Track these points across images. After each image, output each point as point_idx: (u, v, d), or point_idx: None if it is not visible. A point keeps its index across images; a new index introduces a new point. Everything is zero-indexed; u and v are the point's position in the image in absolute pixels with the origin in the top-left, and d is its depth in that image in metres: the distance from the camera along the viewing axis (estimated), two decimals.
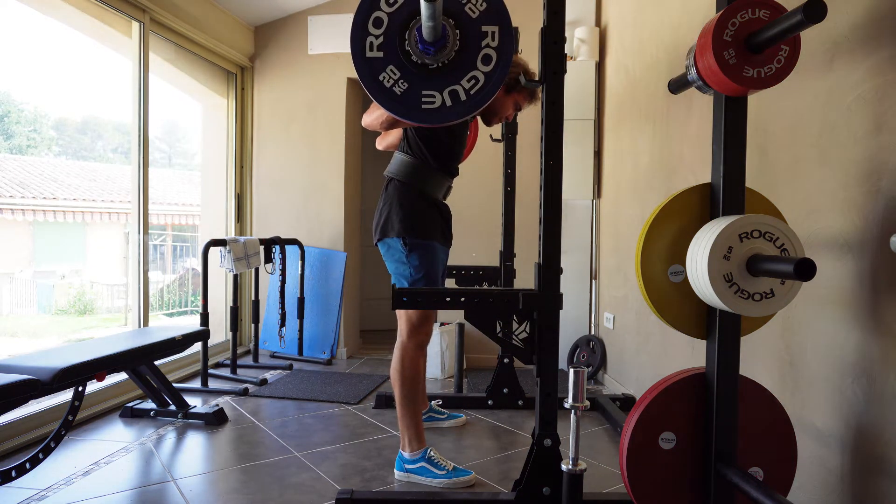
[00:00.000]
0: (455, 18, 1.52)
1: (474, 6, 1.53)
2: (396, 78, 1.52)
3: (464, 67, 1.54)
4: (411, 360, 2.12)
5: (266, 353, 4.12)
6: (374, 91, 1.53)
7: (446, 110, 1.54)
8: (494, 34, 1.54)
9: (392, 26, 1.52)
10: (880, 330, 1.34)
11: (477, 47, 1.54)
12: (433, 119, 1.54)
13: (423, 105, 1.53)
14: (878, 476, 1.34)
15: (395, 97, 1.53)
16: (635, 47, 3.12)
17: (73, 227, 2.86)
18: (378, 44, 1.52)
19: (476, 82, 1.54)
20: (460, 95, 1.54)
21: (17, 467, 1.91)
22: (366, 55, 1.52)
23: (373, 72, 1.52)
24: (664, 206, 1.49)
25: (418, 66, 1.52)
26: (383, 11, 1.52)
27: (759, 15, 1.33)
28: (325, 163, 4.18)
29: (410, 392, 2.11)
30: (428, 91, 1.53)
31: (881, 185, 1.34)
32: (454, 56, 1.52)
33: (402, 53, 1.52)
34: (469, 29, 1.53)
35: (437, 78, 1.53)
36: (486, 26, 1.54)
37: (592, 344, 3.61)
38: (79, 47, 3.70)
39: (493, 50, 1.54)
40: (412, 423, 2.11)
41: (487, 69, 1.54)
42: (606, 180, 3.57)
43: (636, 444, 1.47)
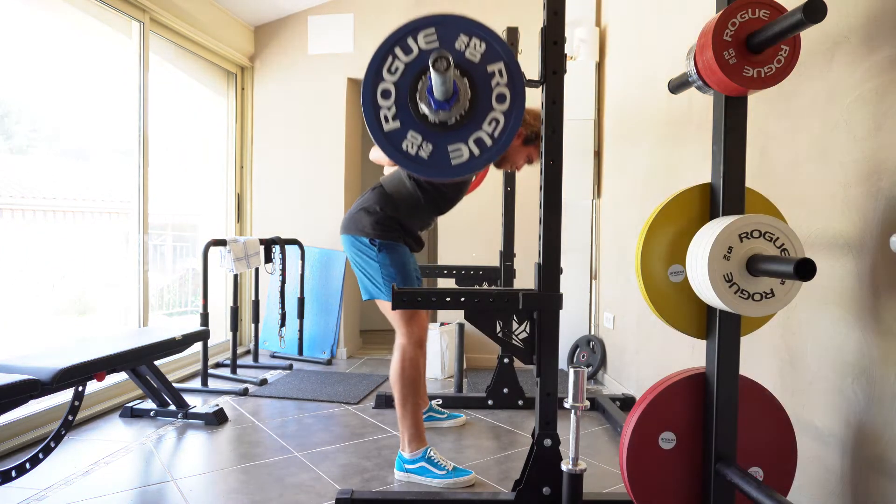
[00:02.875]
0: (459, 67, 1.51)
1: (474, 50, 1.52)
2: (419, 142, 1.51)
3: (481, 113, 1.52)
4: (410, 360, 2.13)
5: (266, 353, 4.12)
6: (400, 161, 1.51)
7: (476, 159, 1.52)
8: (502, 71, 1.53)
9: (401, 94, 1.51)
10: (880, 330, 1.34)
11: (488, 89, 1.52)
12: (467, 170, 1.53)
13: (453, 161, 1.52)
14: (878, 476, 1.34)
15: (424, 162, 1.52)
16: (635, 47, 3.12)
17: (73, 227, 2.86)
18: (392, 115, 1.51)
19: (497, 124, 1.52)
20: (485, 141, 1.52)
21: (17, 467, 1.91)
22: (384, 129, 1.51)
23: (395, 143, 1.51)
24: (664, 206, 1.49)
25: (438, 126, 1.51)
26: (388, 82, 1.51)
27: (759, 15, 1.33)
28: (325, 163, 4.18)
29: (410, 392, 2.11)
30: (454, 146, 1.52)
31: (881, 185, 1.34)
32: (469, 105, 1.51)
33: (419, 118, 1.51)
34: (476, 73, 1.52)
35: (458, 131, 1.52)
36: (492, 65, 1.52)
37: (592, 344, 3.61)
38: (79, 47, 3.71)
39: (504, 87, 1.52)
40: (412, 424, 2.11)
41: (504, 107, 1.53)
42: (606, 180, 3.57)
43: (636, 444, 1.47)
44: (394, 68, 1.51)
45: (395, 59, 1.51)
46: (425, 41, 1.51)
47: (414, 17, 1.52)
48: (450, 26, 1.52)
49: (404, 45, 1.51)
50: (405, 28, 1.52)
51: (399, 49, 1.51)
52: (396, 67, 1.51)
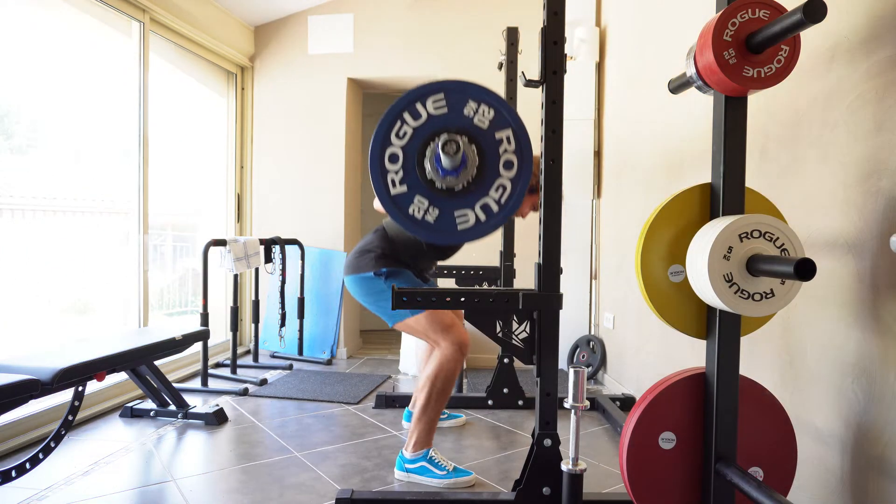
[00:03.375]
0: (468, 134, 1.52)
1: (482, 117, 1.53)
2: (426, 207, 1.52)
3: (488, 179, 1.53)
4: (449, 372, 2.08)
5: (266, 353, 4.12)
6: (406, 225, 1.52)
7: (482, 225, 1.54)
8: (510, 138, 1.54)
9: (408, 159, 1.52)
10: (880, 330, 1.34)
11: (496, 155, 1.53)
12: (473, 236, 1.54)
13: (459, 226, 1.53)
14: (878, 476, 1.34)
15: (430, 226, 1.53)
16: (635, 47, 3.12)
17: (73, 227, 2.86)
18: (400, 179, 1.52)
19: (504, 190, 1.54)
20: (492, 207, 1.54)
21: (17, 467, 1.91)
22: (391, 193, 1.52)
23: (401, 207, 1.52)
24: (664, 206, 1.49)
25: (445, 191, 1.52)
26: (395, 146, 1.52)
27: (759, 15, 1.33)
28: (325, 162, 4.18)
29: (438, 400, 2.09)
30: (460, 211, 1.53)
31: (881, 185, 1.34)
32: (477, 172, 1.52)
33: (426, 182, 1.52)
34: (484, 140, 1.53)
35: (465, 197, 1.53)
36: (500, 132, 1.53)
37: (592, 344, 3.61)
38: (79, 47, 3.70)
39: (512, 154, 1.54)
40: (426, 428, 2.11)
41: (511, 174, 1.54)
42: (606, 180, 3.57)
43: (636, 444, 1.47)
44: (402, 133, 1.52)
45: (403, 124, 1.52)
46: (434, 106, 1.52)
47: (428, 81, 1.53)
48: (459, 93, 1.53)
49: (413, 110, 1.52)
50: (414, 93, 1.52)
51: (408, 114, 1.52)
52: (405, 132, 1.52)
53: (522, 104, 3.39)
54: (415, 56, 4.09)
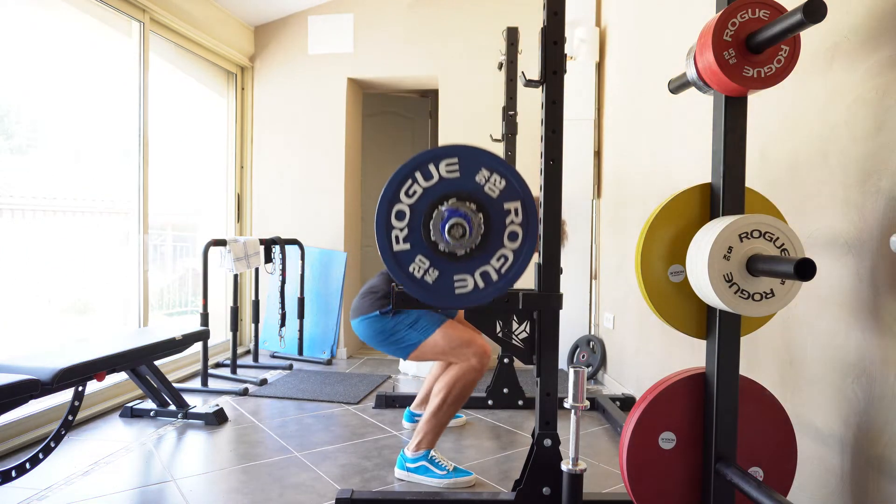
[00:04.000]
0: (477, 202, 1.52)
1: (494, 185, 1.54)
2: (426, 267, 1.53)
3: (492, 248, 1.54)
4: (468, 383, 2.09)
5: (266, 353, 4.12)
6: (406, 283, 1.53)
7: (479, 292, 1.54)
8: (517, 210, 1.54)
9: (415, 218, 1.52)
10: (880, 330, 1.34)
11: (502, 225, 1.54)
12: (469, 302, 1.55)
13: (457, 290, 1.54)
14: (878, 476, 1.34)
15: (428, 286, 1.54)
16: (635, 47, 3.12)
17: (73, 227, 2.86)
18: (404, 236, 1.52)
19: (505, 261, 1.54)
20: (492, 276, 1.54)
21: (17, 467, 1.91)
22: (393, 249, 1.52)
23: (402, 264, 1.53)
24: (664, 206, 1.49)
25: (446, 254, 1.53)
26: (404, 203, 1.52)
27: (759, 15, 1.33)
28: (325, 163, 4.18)
29: (452, 405, 2.10)
30: (459, 276, 1.54)
31: (881, 185, 1.34)
32: (481, 240, 1.53)
33: (429, 243, 1.52)
34: (492, 209, 1.53)
35: (467, 262, 1.53)
36: (508, 203, 1.54)
37: (592, 344, 3.61)
38: (79, 47, 3.69)
39: (518, 226, 1.54)
40: (434, 430, 2.11)
41: (515, 246, 1.54)
42: (606, 180, 3.57)
43: (636, 444, 1.47)
44: (412, 192, 1.52)
45: (414, 183, 1.52)
46: (446, 169, 1.53)
47: (444, 144, 1.56)
48: (473, 159, 1.54)
49: (425, 170, 1.53)
50: (428, 154, 1.53)
51: (419, 174, 1.52)
52: (414, 191, 1.52)
53: (522, 104, 3.39)
54: (415, 56, 4.09)
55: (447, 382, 2.09)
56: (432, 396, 2.14)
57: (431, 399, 2.14)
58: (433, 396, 2.13)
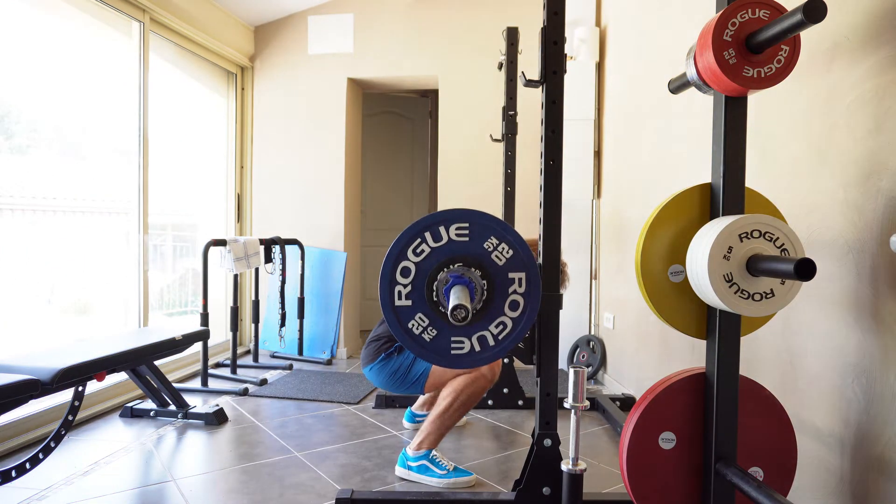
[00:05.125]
0: (482, 268, 1.54)
1: (501, 254, 1.55)
2: (425, 325, 1.54)
3: (492, 314, 1.55)
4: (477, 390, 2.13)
5: (266, 353, 4.12)
6: (403, 338, 1.55)
7: (475, 355, 1.56)
8: (521, 280, 1.55)
9: (419, 276, 1.54)
10: (880, 330, 1.34)
11: (504, 293, 1.55)
12: (464, 364, 1.56)
13: (453, 351, 1.55)
14: (878, 476, 1.34)
15: (425, 344, 1.55)
16: (635, 47, 3.12)
17: (73, 227, 2.86)
18: (406, 293, 1.54)
19: (504, 328, 1.55)
20: (489, 341, 1.56)
21: (17, 467, 1.91)
22: (395, 304, 1.54)
23: (402, 319, 1.54)
24: (664, 206, 1.49)
25: (446, 316, 1.54)
26: (410, 261, 1.54)
27: (759, 15, 1.33)
28: (325, 163, 4.18)
29: (456, 412, 2.13)
30: (457, 338, 1.55)
31: (881, 185, 1.34)
32: (482, 305, 1.54)
33: (431, 304, 1.54)
34: (496, 276, 1.55)
35: (465, 326, 1.55)
36: (513, 273, 1.55)
37: (592, 344, 3.61)
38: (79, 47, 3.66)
39: (520, 296, 1.55)
40: (438, 430, 2.13)
41: (515, 314, 1.56)
42: (606, 180, 3.57)
43: (636, 444, 1.47)
44: (419, 251, 1.54)
45: (423, 242, 1.54)
46: (456, 233, 1.55)
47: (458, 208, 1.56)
48: (484, 226, 1.55)
49: (435, 231, 1.54)
50: (439, 216, 1.55)
51: (429, 234, 1.54)
52: (422, 250, 1.54)
53: (522, 104, 3.39)
54: (415, 56, 4.09)
55: (456, 388, 2.13)
56: (440, 399, 2.16)
57: (439, 402, 2.16)
58: (441, 399, 2.16)
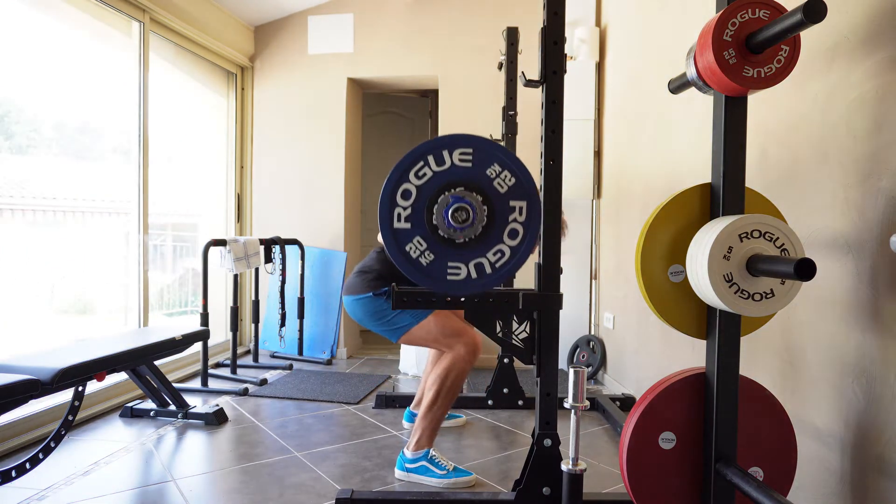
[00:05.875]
0: (483, 194, 1.54)
1: (503, 181, 1.55)
2: (423, 249, 1.54)
3: (490, 241, 1.55)
4: (460, 372, 2.11)
5: (266, 353, 4.12)
6: (400, 261, 1.55)
7: (471, 282, 1.55)
8: (522, 209, 1.55)
9: (420, 199, 1.54)
10: (880, 330, 1.34)
11: (504, 221, 1.55)
12: (460, 290, 1.56)
13: (449, 276, 1.55)
14: (878, 476, 1.34)
15: (421, 268, 1.55)
16: (635, 47, 3.12)
17: (73, 227, 2.86)
18: (406, 215, 1.54)
19: (502, 256, 1.55)
20: (486, 268, 1.56)
21: (17, 467, 1.91)
22: (393, 226, 1.54)
23: (400, 242, 1.54)
24: (664, 206, 1.49)
25: (445, 241, 1.54)
26: (412, 184, 1.53)
27: (759, 15, 1.33)
28: (325, 163, 4.18)
29: (445, 399, 2.11)
30: (454, 263, 1.55)
31: (881, 185, 1.34)
32: (481, 231, 1.54)
33: (430, 227, 1.54)
34: (497, 204, 1.55)
35: (463, 251, 1.55)
36: (514, 201, 1.55)
37: (592, 344, 3.61)
38: (79, 47, 3.67)
39: (520, 225, 1.55)
40: (431, 427, 2.12)
41: (514, 243, 1.55)
42: (606, 180, 3.57)
43: (636, 444, 1.47)
44: (421, 174, 1.54)
45: (425, 165, 1.54)
46: (459, 158, 1.54)
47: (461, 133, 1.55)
48: (488, 152, 1.55)
49: (438, 155, 1.54)
50: (444, 140, 1.54)
51: (432, 157, 1.54)
52: (424, 174, 1.54)
53: (522, 104, 3.39)
54: (415, 56, 4.09)
55: (438, 374, 2.11)
56: (426, 392, 2.15)
57: (425, 395, 2.15)
58: (426, 392, 2.15)
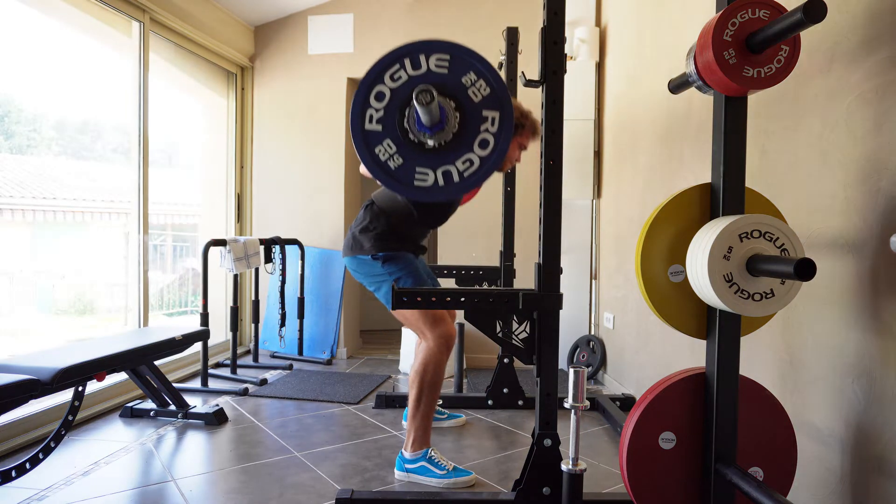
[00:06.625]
0: (457, 101, 1.53)
1: (477, 90, 1.54)
2: (392, 153, 1.54)
3: (460, 149, 1.55)
4: (435, 364, 2.10)
5: (266, 353, 4.12)
6: (368, 163, 1.55)
7: (437, 189, 1.55)
8: (494, 120, 1.55)
9: (393, 101, 1.53)
10: (880, 330, 1.34)
11: (475, 131, 1.54)
12: (424, 196, 1.56)
13: (416, 182, 1.55)
14: (878, 476, 1.34)
15: (389, 171, 1.55)
16: (635, 47, 3.12)
17: (73, 227, 2.86)
18: (378, 117, 1.53)
19: (470, 165, 1.55)
20: (453, 176, 1.55)
21: (17, 467, 1.91)
22: (364, 127, 1.53)
23: (369, 144, 1.54)
24: (664, 206, 1.49)
25: (415, 145, 1.54)
26: (386, 86, 1.53)
27: (759, 15, 1.33)
28: (325, 163, 4.18)
29: (428, 395, 2.10)
30: (422, 168, 1.55)
31: (881, 185, 1.34)
32: (452, 138, 1.54)
33: (400, 130, 1.53)
34: (470, 112, 1.54)
35: (432, 157, 1.54)
36: (487, 111, 1.54)
37: (592, 344, 3.61)
38: (79, 47, 3.68)
39: (490, 135, 1.55)
40: (422, 425, 2.11)
41: (483, 153, 1.55)
42: (606, 180, 3.57)
43: (636, 444, 1.47)
44: (397, 76, 1.53)
45: (401, 68, 1.53)
46: (436, 63, 1.53)
47: (440, 39, 1.54)
48: (464, 60, 1.54)
49: (415, 59, 1.53)
50: (422, 43, 1.53)
51: (409, 61, 1.53)
52: (400, 76, 1.53)
53: (523, 104, 3.38)
54: None
55: (416, 371, 2.11)
56: (409, 391, 2.15)
57: (409, 394, 2.14)
58: (409, 391, 2.14)
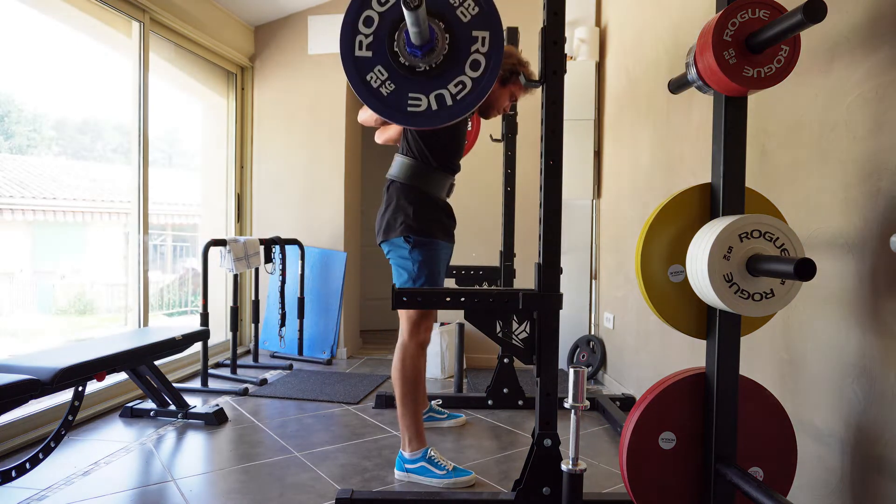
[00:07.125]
0: (445, 21, 1.51)
1: (466, 10, 1.52)
2: (384, 79, 1.52)
3: (452, 72, 1.53)
4: (412, 359, 2.12)
5: (266, 353, 4.12)
6: (360, 91, 1.52)
7: (431, 114, 1.53)
8: (485, 39, 1.52)
9: (382, 26, 1.50)
10: (880, 330, 1.34)
11: (466, 52, 1.52)
12: (418, 122, 1.54)
13: (409, 108, 1.52)
14: (878, 476, 1.34)
15: (382, 98, 1.52)
16: (635, 47, 3.12)
17: (73, 227, 2.86)
18: (367, 43, 1.51)
19: (463, 87, 1.53)
20: (446, 100, 1.53)
21: (17, 467, 1.91)
22: (354, 54, 1.51)
23: (360, 71, 1.52)
24: (664, 206, 1.49)
25: (406, 68, 1.51)
26: (374, 10, 1.51)
27: (759, 15, 1.33)
28: (325, 163, 4.18)
29: (411, 392, 2.11)
30: (414, 94, 1.52)
31: (881, 185, 1.34)
32: (442, 60, 1.51)
33: (391, 54, 1.51)
34: (459, 33, 1.52)
35: (424, 81, 1.52)
36: (477, 31, 1.52)
37: (592, 344, 3.61)
38: (79, 47, 3.67)
39: (482, 55, 1.52)
40: (412, 423, 2.11)
41: (476, 75, 1.53)
42: (606, 180, 3.57)
43: (636, 444, 1.47)
44: (384, 0, 1.51)
45: None
46: None
47: None
48: None
49: None
50: None
51: None
52: (387, 0, 1.51)
53: (522, 104, 3.38)
54: None
55: (395, 368, 2.13)
56: (394, 389, 2.15)
57: (395, 393, 2.15)
58: (394, 388, 2.15)
